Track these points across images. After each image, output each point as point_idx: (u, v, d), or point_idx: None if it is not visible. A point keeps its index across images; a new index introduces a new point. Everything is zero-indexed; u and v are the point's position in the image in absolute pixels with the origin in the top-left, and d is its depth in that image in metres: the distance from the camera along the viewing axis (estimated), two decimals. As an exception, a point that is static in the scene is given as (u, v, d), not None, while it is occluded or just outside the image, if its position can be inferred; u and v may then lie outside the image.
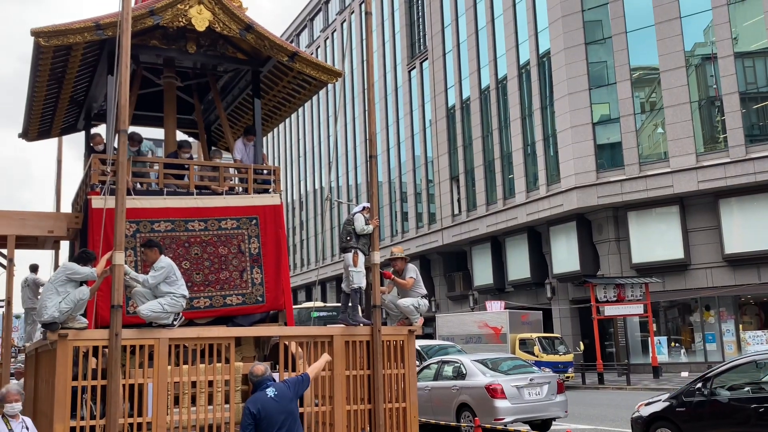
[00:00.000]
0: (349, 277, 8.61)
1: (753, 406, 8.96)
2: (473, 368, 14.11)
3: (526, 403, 13.49)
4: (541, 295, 34.72)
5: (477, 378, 13.81)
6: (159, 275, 7.42)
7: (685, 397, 10.00)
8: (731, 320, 29.03)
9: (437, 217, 42.48)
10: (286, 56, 9.75)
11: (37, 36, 8.36)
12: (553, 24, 33.00)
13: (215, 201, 9.30)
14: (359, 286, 8.55)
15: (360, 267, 8.58)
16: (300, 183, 64.95)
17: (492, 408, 13.11)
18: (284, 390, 5.90)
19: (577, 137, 31.51)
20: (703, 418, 9.60)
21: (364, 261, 8.64)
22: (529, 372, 14.53)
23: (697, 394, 9.82)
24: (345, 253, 8.75)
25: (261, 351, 9.40)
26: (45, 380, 8.04)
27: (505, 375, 14.14)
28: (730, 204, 28.39)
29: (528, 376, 13.95)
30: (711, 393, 9.60)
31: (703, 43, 29.83)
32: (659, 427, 10.21)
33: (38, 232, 9.68)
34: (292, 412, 5.83)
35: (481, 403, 13.31)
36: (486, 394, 13.29)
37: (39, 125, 11.48)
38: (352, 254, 8.61)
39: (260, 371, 5.94)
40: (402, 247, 9.64)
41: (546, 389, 13.84)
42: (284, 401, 5.79)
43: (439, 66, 42.87)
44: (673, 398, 10.25)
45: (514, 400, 13.33)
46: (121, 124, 7.13)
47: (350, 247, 8.63)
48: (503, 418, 13.05)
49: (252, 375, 5.97)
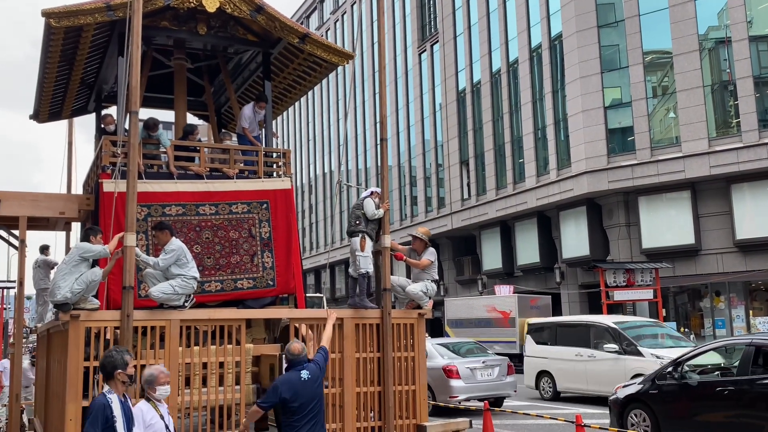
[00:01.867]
0: (356, 261, 8.57)
1: (718, 388, 9.52)
2: (434, 351, 15.55)
3: (479, 383, 15.29)
4: (550, 279, 34.66)
5: (436, 360, 15.24)
6: (169, 258, 7.44)
7: (657, 380, 10.55)
8: (741, 306, 28.91)
9: (446, 201, 42.40)
10: (296, 38, 9.71)
11: (48, 17, 8.35)
12: (565, 7, 32.68)
13: (226, 185, 9.30)
14: (366, 271, 8.50)
15: (367, 252, 8.52)
16: (309, 166, 64.93)
17: (448, 387, 14.86)
18: (316, 372, 5.92)
19: (588, 121, 31.30)
20: (674, 400, 10.19)
21: (371, 246, 8.59)
22: (483, 356, 16.25)
23: (668, 377, 10.40)
24: (352, 237, 8.68)
25: (271, 333, 9.43)
26: (57, 360, 8.10)
27: (462, 357, 15.91)
28: (743, 189, 28.17)
29: (481, 359, 15.75)
30: (681, 377, 10.20)
31: (716, 26, 29.46)
32: (633, 408, 10.78)
33: (50, 213, 9.72)
34: (321, 397, 5.86)
35: (439, 383, 14.92)
36: (443, 374, 14.95)
37: (50, 107, 11.50)
38: (360, 239, 8.54)
39: (298, 350, 5.96)
40: (429, 230, 9.54)
41: (497, 371, 15.65)
42: (315, 385, 5.83)
43: (449, 49, 42.59)
44: (647, 381, 10.80)
45: (468, 380, 15.07)
46: (133, 106, 7.12)
47: (358, 231, 8.57)
48: (457, 396, 14.72)
49: (289, 353, 6.00)
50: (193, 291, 7.69)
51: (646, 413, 10.49)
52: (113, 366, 4.85)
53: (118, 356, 4.89)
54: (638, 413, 10.65)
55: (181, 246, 7.60)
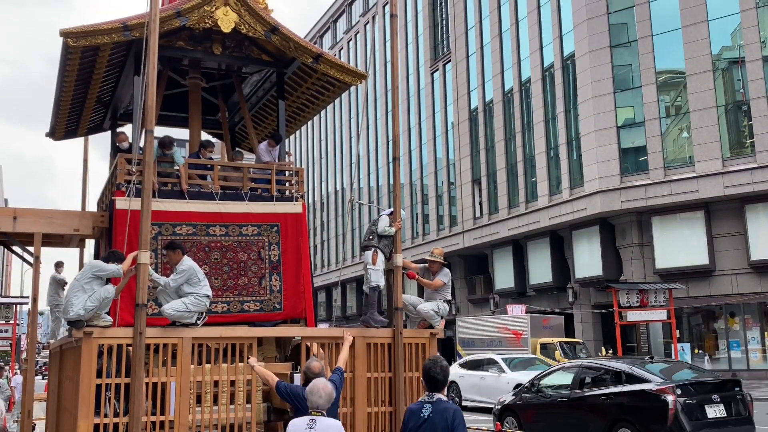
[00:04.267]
0: (368, 275, 8.60)
1: (559, 400, 12.57)
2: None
3: None
4: (563, 299, 34.44)
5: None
6: (180, 278, 7.46)
7: (523, 393, 13.66)
8: (756, 327, 28.59)
9: (458, 220, 42.34)
10: (310, 58, 9.78)
11: (66, 36, 8.47)
12: (578, 27, 32.77)
13: (237, 206, 9.33)
14: (377, 284, 8.51)
15: (378, 266, 8.53)
16: (321, 184, 65.12)
17: None
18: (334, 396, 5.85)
19: (601, 141, 31.25)
20: (531, 408, 13.25)
21: (383, 261, 8.61)
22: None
23: (529, 391, 13.49)
24: (365, 251, 8.72)
25: (282, 351, 9.43)
26: (69, 377, 8.13)
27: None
28: (757, 210, 27.97)
29: None
30: (538, 390, 13.29)
31: (730, 46, 29.43)
32: (507, 415, 13.80)
33: (64, 230, 9.79)
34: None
35: None
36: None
37: (66, 124, 11.62)
38: (372, 252, 8.58)
39: (318, 368, 5.97)
40: (443, 250, 9.52)
41: None
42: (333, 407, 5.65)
43: (462, 68, 42.75)
44: (515, 394, 13.97)
45: None
46: (149, 125, 7.19)
47: (371, 245, 8.61)
48: None
49: (309, 370, 6.03)
50: (206, 309, 7.71)
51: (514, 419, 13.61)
52: None
53: None
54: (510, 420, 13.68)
55: (191, 265, 7.61)
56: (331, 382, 5.94)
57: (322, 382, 4.96)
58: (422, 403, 4.78)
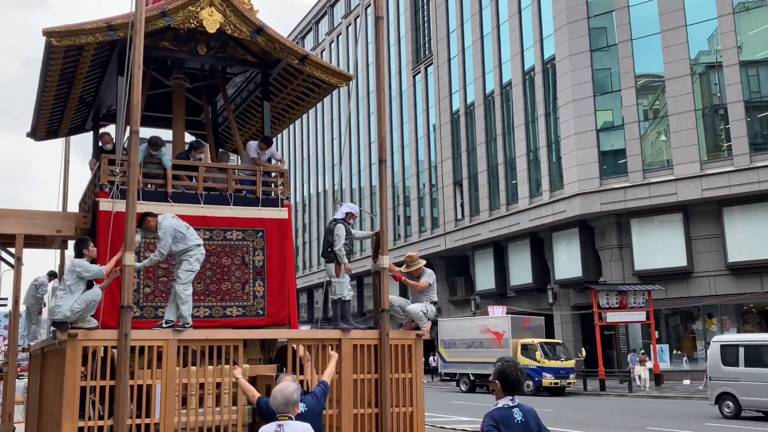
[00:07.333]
0: (332, 287, 8.43)
1: None
2: None
3: None
4: (543, 300, 34.68)
5: None
6: (164, 242, 7.45)
7: None
8: (734, 328, 28.97)
9: (440, 222, 42.48)
10: (296, 59, 9.75)
11: (50, 36, 8.38)
12: (558, 30, 33.03)
13: (223, 211, 9.27)
14: (340, 296, 8.39)
15: (342, 278, 8.43)
16: (304, 185, 64.96)
17: None
18: (313, 405, 5.76)
19: (580, 144, 31.52)
20: None
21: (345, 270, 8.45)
22: None
23: None
24: (328, 263, 8.55)
25: (267, 353, 9.39)
26: (52, 380, 8.04)
27: None
28: (734, 212, 28.37)
29: None
30: None
31: (708, 51, 29.84)
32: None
33: (47, 231, 9.68)
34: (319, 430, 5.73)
35: None
36: None
37: (48, 125, 11.49)
38: (334, 265, 8.42)
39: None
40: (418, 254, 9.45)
41: None
42: (313, 417, 5.56)
43: (443, 71, 42.91)
44: None
45: None
46: (133, 125, 7.14)
47: (331, 258, 8.43)
48: None
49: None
50: (203, 254, 7.76)
51: None
52: None
53: None
54: None
55: (168, 224, 7.54)
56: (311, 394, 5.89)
57: (281, 386, 4.88)
58: (508, 408, 4.59)
